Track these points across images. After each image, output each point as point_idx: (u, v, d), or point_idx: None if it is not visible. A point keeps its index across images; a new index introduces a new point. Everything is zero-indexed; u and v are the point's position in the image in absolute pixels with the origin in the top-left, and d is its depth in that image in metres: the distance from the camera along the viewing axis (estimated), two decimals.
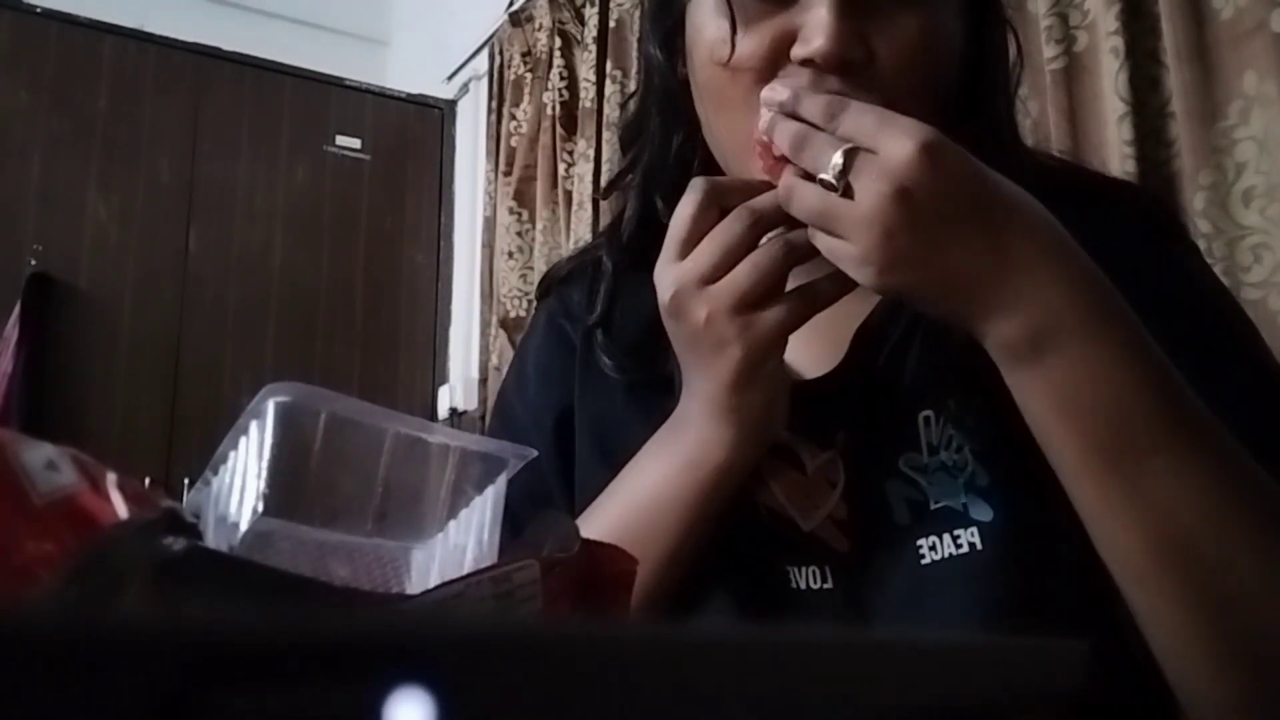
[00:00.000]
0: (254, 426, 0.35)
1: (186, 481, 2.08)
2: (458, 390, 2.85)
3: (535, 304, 0.79)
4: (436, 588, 0.30)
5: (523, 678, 0.13)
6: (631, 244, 0.66)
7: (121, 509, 0.32)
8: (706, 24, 0.56)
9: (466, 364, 2.87)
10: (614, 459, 0.59)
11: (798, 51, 0.52)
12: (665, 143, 0.64)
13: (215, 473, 0.36)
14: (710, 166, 0.60)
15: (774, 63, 0.53)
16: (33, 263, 2.55)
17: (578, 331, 0.67)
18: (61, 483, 0.32)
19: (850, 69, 0.51)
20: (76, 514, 0.31)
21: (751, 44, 0.54)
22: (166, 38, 2.82)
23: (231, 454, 0.36)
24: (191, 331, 2.71)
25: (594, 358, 0.65)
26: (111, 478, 0.33)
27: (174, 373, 2.67)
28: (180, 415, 2.63)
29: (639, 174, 0.67)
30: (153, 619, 0.14)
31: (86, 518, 0.31)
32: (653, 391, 0.61)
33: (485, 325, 2.69)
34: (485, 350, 2.68)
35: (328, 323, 2.90)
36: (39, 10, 2.69)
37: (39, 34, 2.67)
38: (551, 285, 0.73)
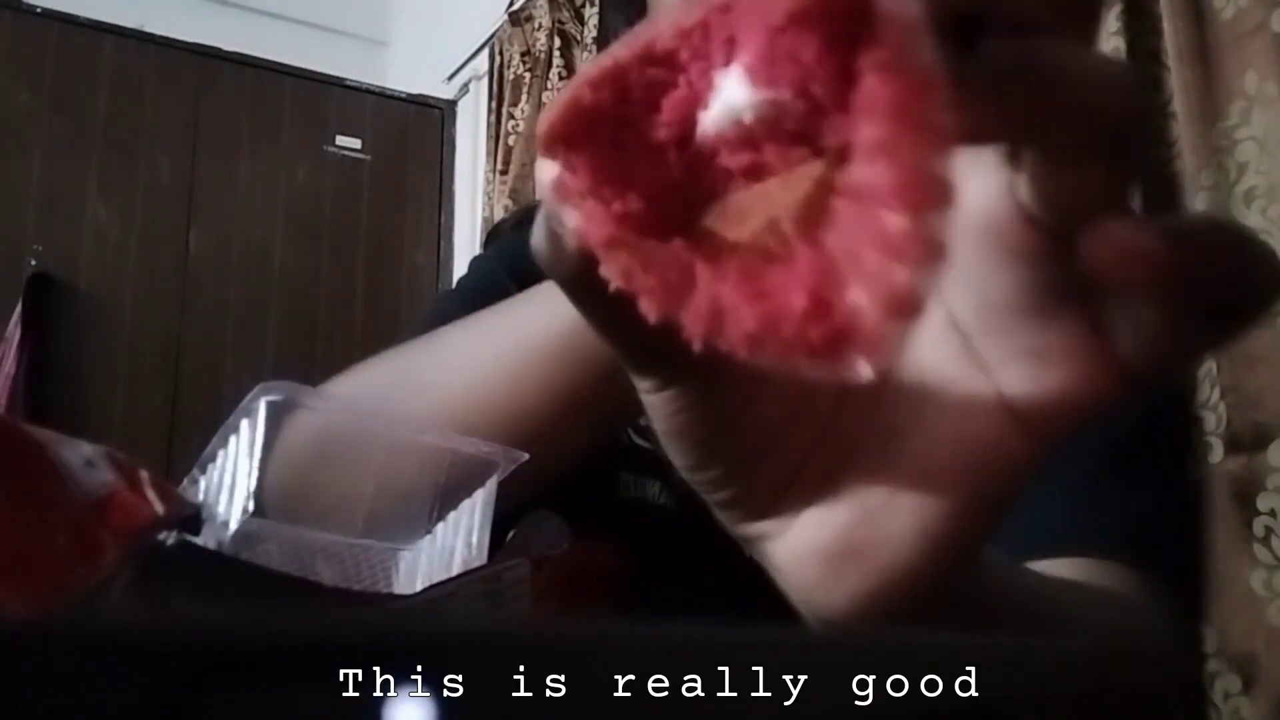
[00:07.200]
0: (245, 425, 0.35)
1: (186, 482, 2.08)
2: None
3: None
4: (429, 588, 0.30)
5: (522, 678, 0.13)
6: None
7: (158, 506, 0.32)
8: None
9: None
10: None
11: None
12: None
13: (204, 471, 0.36)
14: None
15: None
16: (33, 263, 2.54)
17: (520, 268, 0.63)
18: (104, 480, 0.32)
19: None
20: (118, 512, 0.31)
21: None
22: (167, 38, 2.82)
23: (220, 452, 0.36)
24: (191, 331, 2.71)
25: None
26: (144, 475, 0.33)
27: (174, 373, 2.67)
28: (180, 415, 2.62)
29: None
30: (148, 618, 0.14)
31: (127, 515, 0.31)
32: None
33: None
34: None
35: (328, 323, 2.89)
36: (39, 10, 2.69)
37: (39, 34, 2.67)
38: (497, 235, 0.71)
